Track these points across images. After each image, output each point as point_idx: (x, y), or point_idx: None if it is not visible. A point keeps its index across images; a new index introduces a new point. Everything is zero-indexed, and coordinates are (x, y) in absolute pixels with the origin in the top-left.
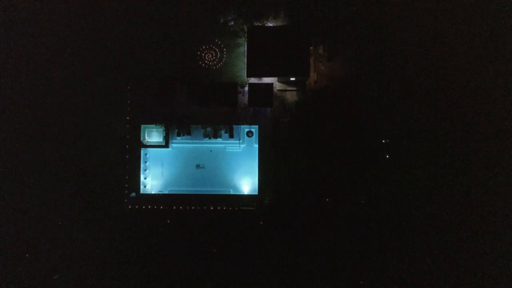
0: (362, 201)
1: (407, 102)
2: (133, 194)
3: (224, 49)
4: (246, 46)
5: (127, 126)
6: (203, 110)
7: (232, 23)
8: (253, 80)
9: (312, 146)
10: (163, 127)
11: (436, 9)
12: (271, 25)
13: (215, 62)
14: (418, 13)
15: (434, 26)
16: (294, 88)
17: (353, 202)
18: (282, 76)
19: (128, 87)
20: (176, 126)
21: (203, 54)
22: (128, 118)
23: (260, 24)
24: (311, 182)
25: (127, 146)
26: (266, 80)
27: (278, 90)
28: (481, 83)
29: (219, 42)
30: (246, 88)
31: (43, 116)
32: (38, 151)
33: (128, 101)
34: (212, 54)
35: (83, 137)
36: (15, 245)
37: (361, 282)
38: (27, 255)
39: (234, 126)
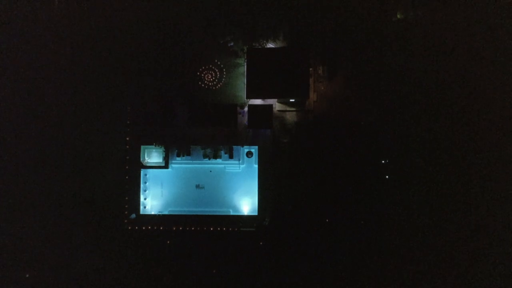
0: (362, 222)
1: (408, 122)
2: (133, 215)
3: (224, 70)
4: (245, 66)
5: (127, 146)
6: (202, 131)
7: (232, 43)
8: (252, 101)
9: (312, 167)
10: (162, 147)
11: (439, 30)
12: (271, 46)
13: (214, 83)
14: (419, 35)
15: (437, 52)
16: (294, 109)
17: (353, 223)
18: (282, 98)
19: (128, 108)
20: (176, 146)
21: (202, 75)
22: (127, 138)
23: (259, 46)
24: (311, 202)
25: (126, 167)
26: (266, 101)
27: (278, 110)
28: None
29: (219, 63)
30: (246, 109)
31: (40, 136)
32: (36, 171)
33: (128, 122)
34: (211, 74)
35: (82, 157)
36: (14, 266)
37: None
38: (27, 275)
39: (234, 147)
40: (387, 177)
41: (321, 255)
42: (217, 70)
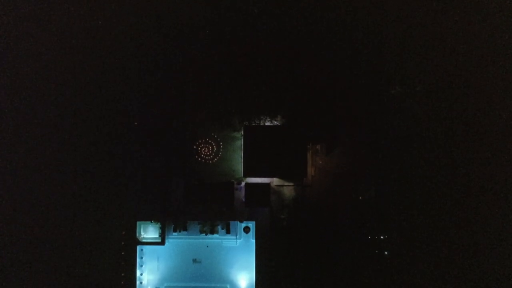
0: None
1: (407, 195)
2: None
3: (221, 143)
4: (242, 142)
5: (123, 222)
6: (199, 207)
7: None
8: (250, 178)
9: (310, 243)
10: (159, 223)
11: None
12: (268, 124)
13: (211, 156)
14: (417, 105)
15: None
16: (292, 184)
17: None
18: (279, 178)
19: (125, 183)
20: (173, 222)
21: (199, 148)
22: (123, 214)
23: (256, 124)
24: (308, 278)
25: (122, 243)
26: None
27: (275, 185)
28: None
29: (216, 136)
30: (243, 184)
31: (36, 223)
32: (32, 252)
33: (124, 198)
34: (208, 148)
35: (79, 234)
36: None
37: None
38: None
39: (231, 222)
40: (386, 253)
41: None
42: (214, 144)
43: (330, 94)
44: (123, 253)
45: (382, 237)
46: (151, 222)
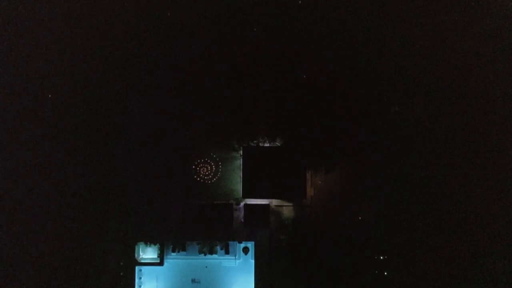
0: None
1: (407, 215)
2: None
3: (220, 163)
4: (241, 163)
5: (122, 243)
6: (198, 228)
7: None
8: (249, 199)
9: (310, 263)
10: (158, 244)
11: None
12: (267, 145)
13: (210, 177)
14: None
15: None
16: (291, 204)
17: None
18: (278, 199)
19: (124, 204)
20: (171, 242)
21: (198, 168)
22: (122, 235)
23: (255, 144)
24: None
25: (121, 263)
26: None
27: (275, 205)
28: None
29: (214, 156)
30: (242, 204)
31: (35, 242)
32: (30, 272)
33: (123, 219)
34: (207, 168)
35: (78, 255)
36: None
37: None
38: None
39: (230, 242)
40: (385, 273)
41: None
42: (212, 164)
43: (330, 115)
44: (121, 274)
45: (382, 258)
46: (149, 244)
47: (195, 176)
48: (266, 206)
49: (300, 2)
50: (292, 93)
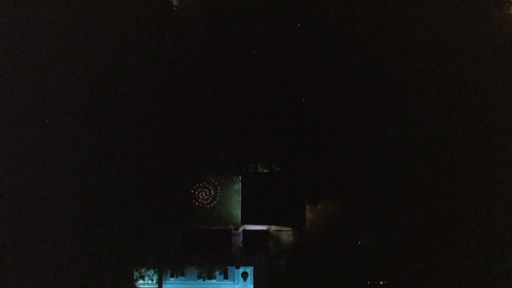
0: None
1: (407, 240)
2: None
3: (218, 187)
4: (240, 190)
5: (120, 269)
6: (197, 253)
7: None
8: (248, 225)
9: None
10: (156, 269)
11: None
12: (265, 171)
13: (209, 201)
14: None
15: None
16: (290, 229)
17: None
18: (277, 225)
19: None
20: (170, 267)
21: (196, 193)
22: (121, 261)
23: (254, 170)
24: None
25: None
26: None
27: (274, 230)
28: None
29: (213, 180)
30: (241, 229)
31: (33, 268)
32: None
33: (121, 245)
34: (205, 192)
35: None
36: None
37: None
38: None
39: (229, 267)
40: None
41: None
42: (211, 188)
43: (329, 141)
44: None
45: (381, 283)
46: (148, 269)
47: (194, 201)
48: (265, 232)
49: (299, 25)
50: (292, 119)
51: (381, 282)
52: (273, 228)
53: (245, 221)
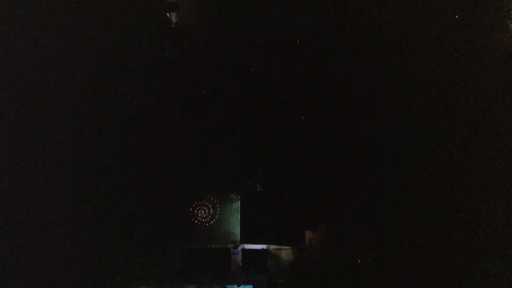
0: None
1: (408, 258)
2: None
3: (217, 205)
4: (239, 209)
5: (117, 286)
6: (196, 271)
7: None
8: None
9: None
10: None
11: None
12: (264, 190)
13: (207, 219)
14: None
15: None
16: (289, 247)
17: None
18: (277, 245)
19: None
20: (168, 286)
21: (195, 211)
22: (118, 278)
23: (252, 185)
24: None
25: None
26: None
27: (273, 248)
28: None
29: (212, 198)
30: (240, 248)
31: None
32: None
33: (119, 263)
34: (204, 210)
35: None
36: None
37: None
38: None
39: (228, 286)
40: None
41: None
42: (210, 206)
43: (329, 159)
44: None
45: None
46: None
47: (192, 219)
48: (264, 251)
49: (298, 41)
50: (291, 136)
51: None
52: (273, 246)
53: (244, 240)
